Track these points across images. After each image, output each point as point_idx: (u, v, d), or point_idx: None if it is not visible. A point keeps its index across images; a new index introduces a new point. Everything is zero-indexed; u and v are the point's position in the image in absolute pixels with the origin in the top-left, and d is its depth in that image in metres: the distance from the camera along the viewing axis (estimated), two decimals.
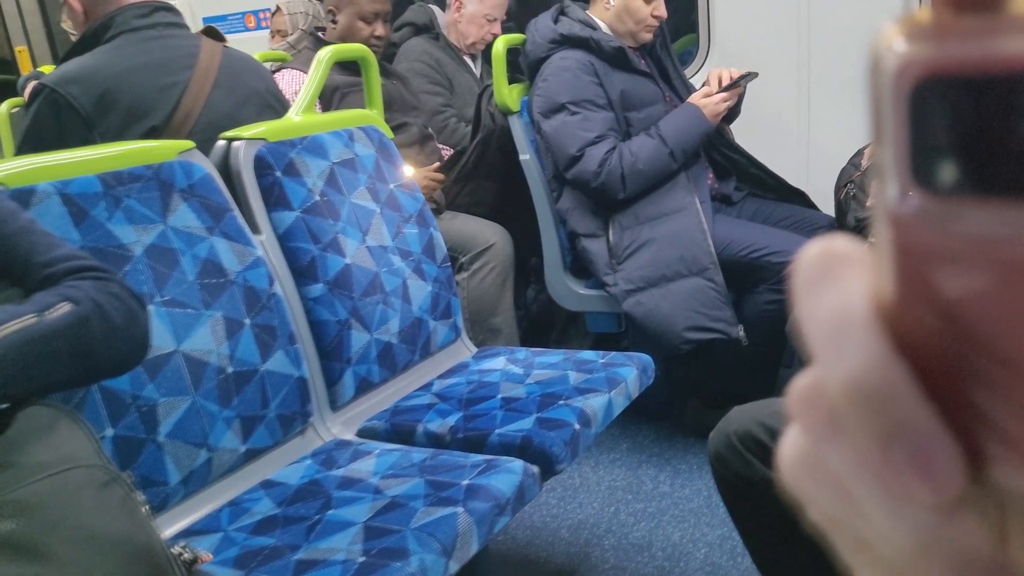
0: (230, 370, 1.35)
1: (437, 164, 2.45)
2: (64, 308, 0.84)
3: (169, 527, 1.24)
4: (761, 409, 1.13)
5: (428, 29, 2.89)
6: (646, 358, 1.74)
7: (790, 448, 0.19)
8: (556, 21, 2.27)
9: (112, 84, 1.57)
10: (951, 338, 0.16)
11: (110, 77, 1.58)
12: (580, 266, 2.35)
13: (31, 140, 1.56)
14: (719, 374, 2.24)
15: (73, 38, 1.81)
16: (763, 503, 1.04)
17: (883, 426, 0.17)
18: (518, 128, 2.37)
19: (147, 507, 0.80)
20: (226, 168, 1.55)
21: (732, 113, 2.25)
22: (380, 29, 2.50)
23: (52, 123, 1.55)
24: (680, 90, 2.35)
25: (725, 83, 2.15)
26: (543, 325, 2.79)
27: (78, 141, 1.51)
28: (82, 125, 1.54)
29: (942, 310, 0.16)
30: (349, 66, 2.22)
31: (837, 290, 0.18)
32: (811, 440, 0.19)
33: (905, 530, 0.17)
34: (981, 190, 0.15)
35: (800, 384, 0.18)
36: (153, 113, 1.61)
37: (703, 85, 2.22)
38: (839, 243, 0.18)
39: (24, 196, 1.19)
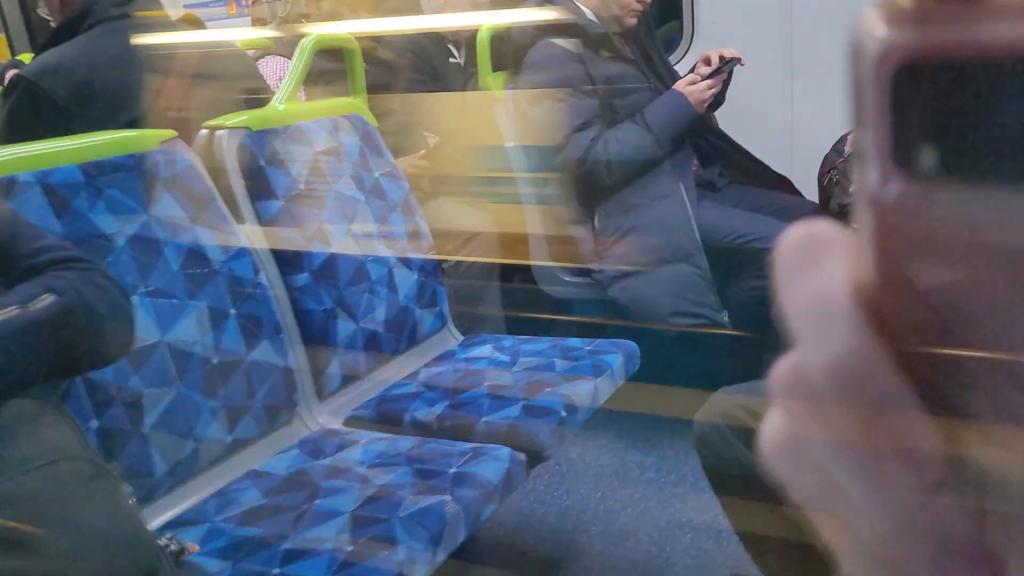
0: (215, 360, 1.35)
1: (423, 152, 2.44)
2: (47, 299, 0.83)
3: (155, 518, 1.24)
4: (745, 392, 1.15)
5: None
6: (632, 344, 1.75)
7: (771, 430, 0.19)
8: (541, 7, 2.26)
9: (90, 76, 1.54)
10: (932, 322, 0.17)
11: (88, 69, 1.55)
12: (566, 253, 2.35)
13: (8, 133, 1.53)
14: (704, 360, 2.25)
15: (53, 25, 1.77)
16: (748, 486, 1.04)
17: (864, 410, 0.17)
18: (503, 116, 2.37)
19: (134, 499, 0.80)
20: (209, 157, 1.54)
21: (717, 100, 2.25)
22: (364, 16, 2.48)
23: (30, 116, 1.52)
24: (665, 77, 2.35)
25: (714, 65, 2.15)
26: (529, 313, 2.79)
27: (57, 134, 1.49)
28: (61, 118, 1.51)
29: (922, 294, 0.16)
30: (332, 53, 2.19)
31: (818, 275, 0.18)
32: (792, 422, 0.19)
33: (885, 511, 0.18)
34: (962, 175, 0.15)
35: (782, 367, 0.19)
36: (133, 105, 1.58)
37: (690, 71, 2.22)
38: (820, 227, 0.18)
39: (4, 186, 1.17)
